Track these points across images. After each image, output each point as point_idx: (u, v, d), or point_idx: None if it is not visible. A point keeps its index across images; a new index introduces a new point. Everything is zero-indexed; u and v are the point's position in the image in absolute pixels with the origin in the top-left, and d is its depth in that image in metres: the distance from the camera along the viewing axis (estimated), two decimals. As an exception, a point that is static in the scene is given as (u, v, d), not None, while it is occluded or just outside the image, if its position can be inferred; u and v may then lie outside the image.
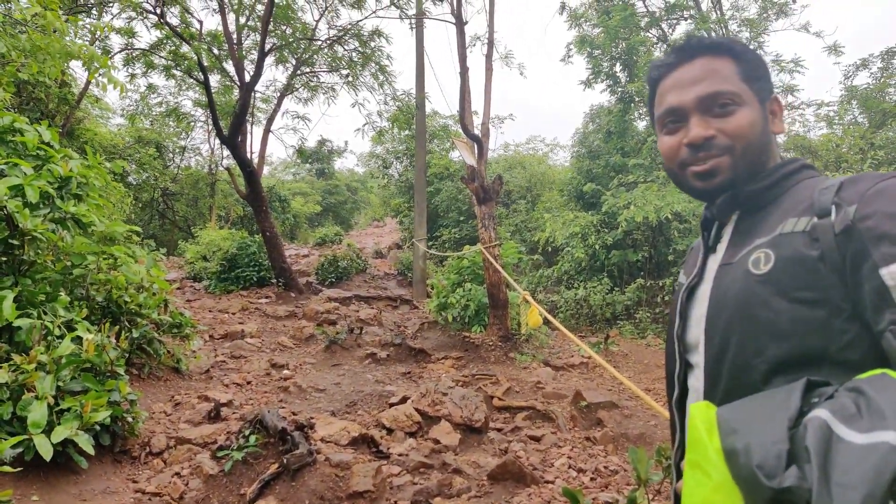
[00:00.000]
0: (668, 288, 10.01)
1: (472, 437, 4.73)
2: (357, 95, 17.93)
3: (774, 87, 1.17)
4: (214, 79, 12.55)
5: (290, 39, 11.91)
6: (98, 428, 3.55)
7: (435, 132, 17.33)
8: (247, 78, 10.85)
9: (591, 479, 4.06)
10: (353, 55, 12.49)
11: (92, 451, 3.28)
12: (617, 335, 9.48)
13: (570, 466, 4.23)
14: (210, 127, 16.85)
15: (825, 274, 0.89)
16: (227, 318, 8.71)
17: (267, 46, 10.53)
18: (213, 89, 11.07)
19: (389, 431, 4.63)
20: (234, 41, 11.22)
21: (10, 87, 5.95)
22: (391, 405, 5.14)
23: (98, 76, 5.16)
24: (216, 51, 11.65)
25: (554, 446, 4.63)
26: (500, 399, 5.58)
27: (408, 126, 13.49)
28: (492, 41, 8.54)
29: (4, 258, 3.90)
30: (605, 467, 4.25)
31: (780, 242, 0.96)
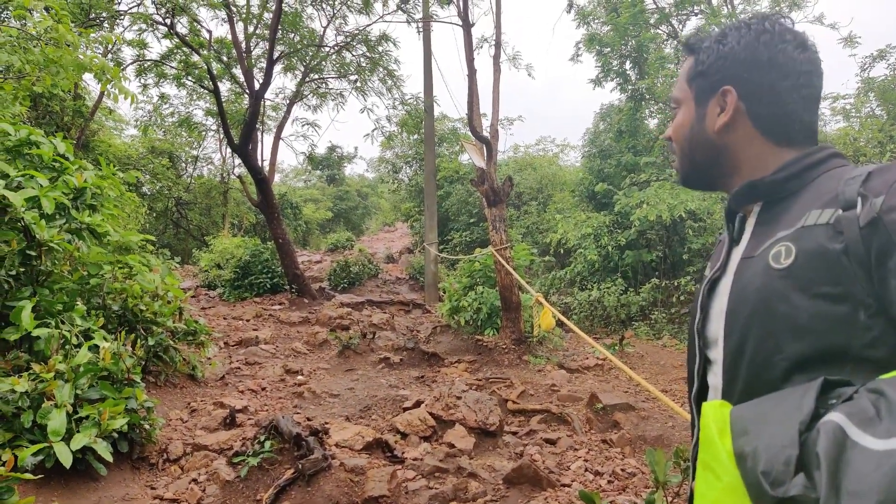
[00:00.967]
0: (684, 288, 9.93)
1: (487, 440, 4.71)
2: (366, 101, 18.09)
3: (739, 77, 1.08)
4: (224, 87, 12.69)
5: (299, 46, 12.00)
6: (116, 435, 3.58)
7: (444, 135, 17.37)
8: (256, 86, 10.94)
9: (609, 482, 4.03)
10: (361, 60, 12.56)
11: (110, 458, 3.31)
12: (632, 336, 9.43)
13: (586, 469, 4.20)
14: (221, 136, 17.01)
15: (849, 268, 0.85)
16: (242, 324, 8.76)
17: (275, 54, 10.62)
18: (223, 98, 11.17)
19: (404, 436, 4.63)
20: (243, 50, 11.33)
21: (26, 101, 6.04)
22: (405, 409, 5.14)
23: (109, 87, 5.22)
24: (225, 59, 11.76)
25: (570, 449, 4.60)
26: (514, 402, 5.56)
27: (417, 130, 13.54)
28: (499, 43, 8.54)
29: (23, 269, 3.95)
30: (622, 470, 4.22)
31: (801, 235, 0.92)
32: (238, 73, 12.17)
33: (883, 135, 9.66)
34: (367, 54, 12.42)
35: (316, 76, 13.28)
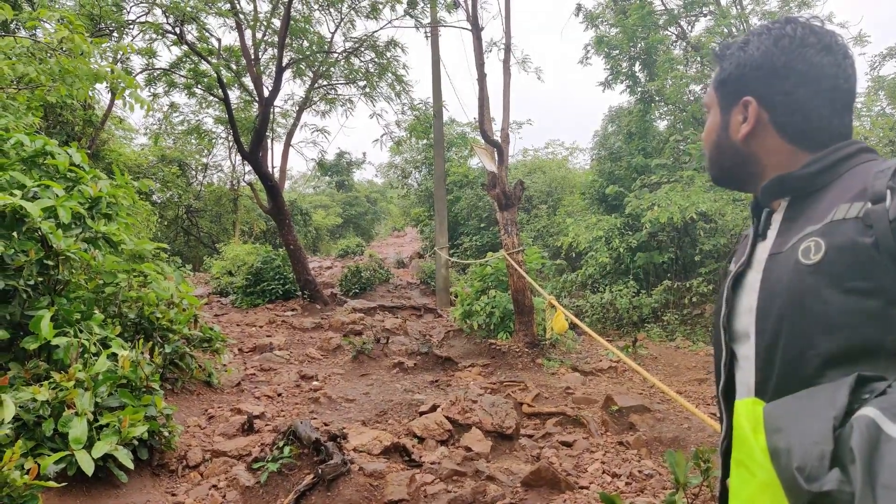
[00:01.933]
0: (696, 289, 9.89)
1: (504, 444, 4.70)
2: (374, 106, 18.14)
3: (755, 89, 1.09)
4: (234, 95, 12.77)
5: (307, 53, 12.05)
6: (136, 442, 3.60)
7: (453, 140, 17.39)
8: (265, 93, 11.00)
9: (626, 484, 4.01)
10: (369, 66, 12.60)
11: (131, 465, 3.33)
12: (645, 338, 9.39)
13: (603, 471, 4.19)
14: (231, 143, 17.11)
15: (879, 262, 0.85)
16: (255, 331, 8.79)
17: (284, 61, 10.67)
18: (232, 105, 11.23)
19: (421, 440, 4.63)
20: (252, 57, 11.39)
21: (38, 111, 6.10)
22: (421, 414, 5.14)
23: (125, 96, 5.27)
24: (234, 66, 11.83)
25: (586, 451, 4.58)
26: (529, 405, 5.54)
27: (426, 135, 13.56)
28: (509, 46, 8.54)
29: (41, 278, 3.98)
30: (639, 471, 4.20)
31: (831, 230, 0.92)
32: (247, 81, 12.25)
33: (894, 133, 9.58)
34: (376, 60, 12.46)
35: (325, 82, 13.34)
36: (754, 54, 1.08)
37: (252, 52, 11.50)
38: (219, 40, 11.77)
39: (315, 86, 13.04)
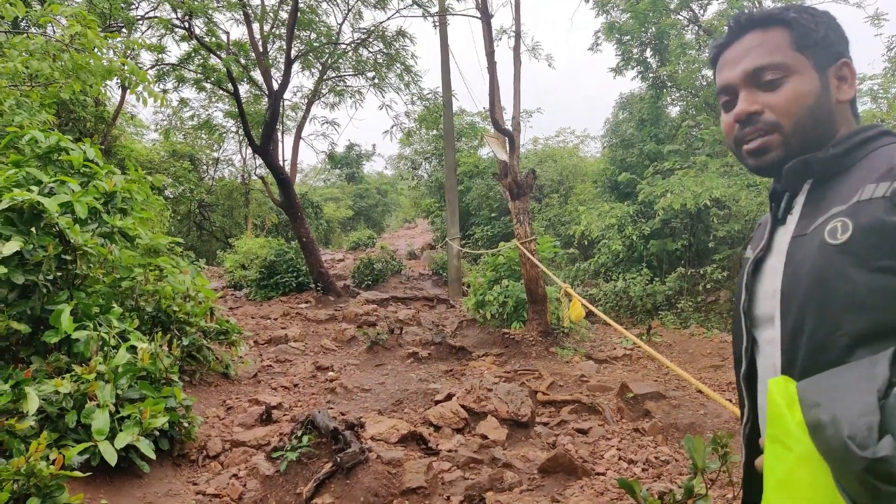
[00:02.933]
0: (710, 276, 9.83)
1: (519, 431, 4.72)
2: (384, 97, 18.10)
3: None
4: (243, 89, 12.77)
5: (316, 44, 12.04)
6: (157, 433, 3.64)
7: (462, 130, 17.33)
8: (275, 86, 11.00)
9: (643, 470, 4.02)
10: (378, 57, 12.56)
11: (153, 455, 3.37)
12: (659, 326, 9.37)
13: (620, 458, 4.20)
14: (241, 137, 17.16)
15: None
16: (270, 323, 8.85)
17: (293, 52, 10.66)
18: (242, 99, 11.25)
19: (437, 428, 4.66)
20: (261, 50, 11.40)
21: (51, 108, 6.15)
22: (437, 402, 5.17)
23: (138, 90, 5.29)
24: (243, 60, 11.85)
25: (602, 438, 4.59)
26: (543, 393, 5.55)
27: (435, 125, 13.50)
28: (519, 33, 8.47)
29: (59, 273, 4.02)
30: (655, 458, 4.20)
31: (857, 210, 0.92)
32: (256, 75, 12.26)
33: (912, 115, 9.45)
34: (384, 50, 12.42)
35: (333, 74, 13.32)
36: (832, 22, 1.09)
37: (261, 44, 11.50)
38: (227, 34, 11.78)
39: (324, 78, 13.02)
